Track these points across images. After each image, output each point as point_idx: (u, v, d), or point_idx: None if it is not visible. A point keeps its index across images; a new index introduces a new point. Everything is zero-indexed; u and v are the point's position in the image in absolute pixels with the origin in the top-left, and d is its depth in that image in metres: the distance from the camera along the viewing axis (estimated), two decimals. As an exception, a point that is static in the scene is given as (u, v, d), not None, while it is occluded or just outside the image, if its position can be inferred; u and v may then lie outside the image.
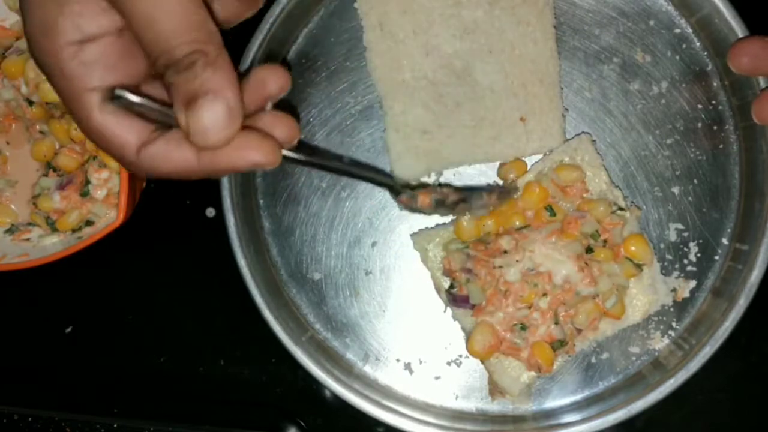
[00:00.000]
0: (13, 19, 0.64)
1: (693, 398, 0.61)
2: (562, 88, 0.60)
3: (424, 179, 0.61)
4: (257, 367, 0.64)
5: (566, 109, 0.60)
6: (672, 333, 0.60)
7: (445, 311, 0.61)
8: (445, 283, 0.59)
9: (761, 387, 0.62)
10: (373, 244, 0.62)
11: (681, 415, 0.62)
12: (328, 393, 0.61)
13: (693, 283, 0.60)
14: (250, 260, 0.59)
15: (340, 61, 0.62)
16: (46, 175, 0.63)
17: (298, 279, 0.62)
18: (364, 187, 0.62)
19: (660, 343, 0.60)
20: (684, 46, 0.61)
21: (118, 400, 0.64)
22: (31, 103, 0.63)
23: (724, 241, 0.60)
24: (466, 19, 0.59)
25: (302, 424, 0.63)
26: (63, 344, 0.65)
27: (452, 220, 0.60)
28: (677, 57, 0.61)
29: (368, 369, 0.61)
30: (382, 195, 0.61)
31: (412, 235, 0.60)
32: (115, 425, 0.63)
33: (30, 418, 0.63)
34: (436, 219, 0.61)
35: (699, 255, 0.60)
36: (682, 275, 0.60)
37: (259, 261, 0.60)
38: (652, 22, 0.61)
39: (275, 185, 0.62)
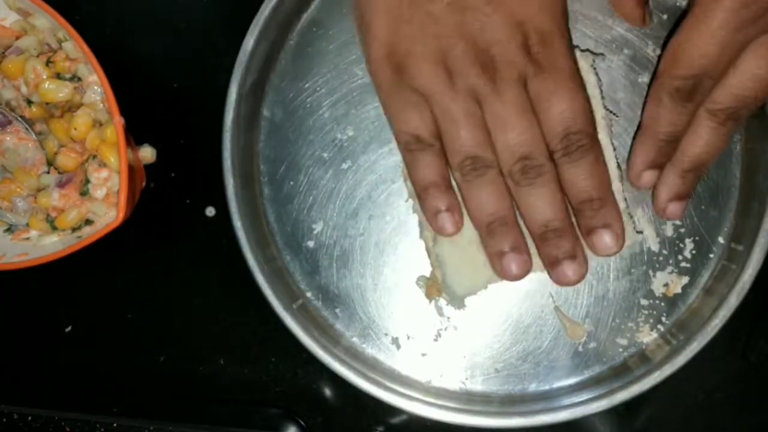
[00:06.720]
0: (12, 18, 0.63)
1: (692, 398, 0.62)
2: None
3: None
4: (257, 367, 0.64)
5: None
6: (661, 327, 0.60)
7: (437, 290, 0.61)
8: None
9: (761, 387, 0.63)
10: (370, 217, 0.62)
11: (680, 415, 0.62)
12: (328, 392, 0.62)
13: (686, 280, 0.60)
14: (246, 224, 0.59)
15: (352, 33, 0.62)
16: (47, 172, 0.63)
17: (294, 247, 0.62)
18: (366, 159, 0.62)
19: (648, 336, 0.60)
20: (696, 42, 0.60)
21: (118, 399, 0.64)
22: (30, 102, 0.62)
23: (721, 240, 0.60)
24: None
25: (302, 423, 0.64)
26: (63, 344, 0.66)
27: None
28: (688, 52, 0.60)
29: (356, 341, 0.61)
30: (384, 168, 0.61)
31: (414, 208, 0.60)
32: (115, 425, 0.63)
33: (30, 418, 0.63)
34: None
35: (694, 252, 0.60)
36: (676, 271, 0.60)
37: (255, 226, 0.60)
38: (665, 16, 0.60)
39: (277, 152, 0.62)
